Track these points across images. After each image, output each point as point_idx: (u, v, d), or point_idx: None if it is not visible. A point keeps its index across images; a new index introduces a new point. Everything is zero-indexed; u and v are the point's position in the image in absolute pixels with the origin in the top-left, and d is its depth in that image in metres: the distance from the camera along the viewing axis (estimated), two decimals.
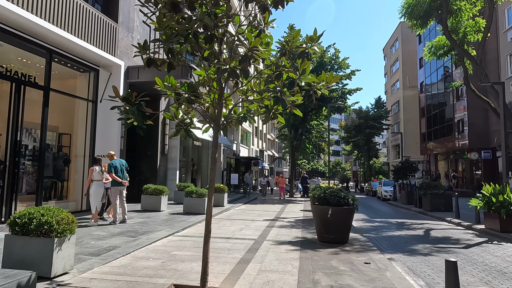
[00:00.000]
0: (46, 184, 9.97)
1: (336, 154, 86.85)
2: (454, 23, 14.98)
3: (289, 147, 29.09)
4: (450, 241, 8.16)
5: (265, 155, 45.92)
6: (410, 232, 9.49)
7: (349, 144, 51.73)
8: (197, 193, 10.86)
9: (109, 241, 6.39)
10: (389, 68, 51.44)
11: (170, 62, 3.70)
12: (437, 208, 14.24)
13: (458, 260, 6.07)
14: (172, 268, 4.87)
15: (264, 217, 11.33)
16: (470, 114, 26.88)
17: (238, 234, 7.86)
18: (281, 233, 8.17)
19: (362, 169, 51.51)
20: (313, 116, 25.29)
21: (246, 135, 32.77)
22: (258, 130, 40.54)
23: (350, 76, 22.80)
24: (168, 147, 14.74)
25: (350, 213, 7.18)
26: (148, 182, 12.72)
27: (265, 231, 8.39)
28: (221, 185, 13.56)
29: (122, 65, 11.12)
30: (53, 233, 4.19)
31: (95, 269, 4.68)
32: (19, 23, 7.76)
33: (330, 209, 6.97)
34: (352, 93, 22.92)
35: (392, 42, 50.22)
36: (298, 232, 8.36)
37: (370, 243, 7.23)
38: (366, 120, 42.93)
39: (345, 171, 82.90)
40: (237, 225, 9.27)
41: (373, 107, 45.97)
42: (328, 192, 7.25)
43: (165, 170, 14.69)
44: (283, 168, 60.10)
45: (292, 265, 5.21)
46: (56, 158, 10.37)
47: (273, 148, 54.96)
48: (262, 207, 15.46)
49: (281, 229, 8.80)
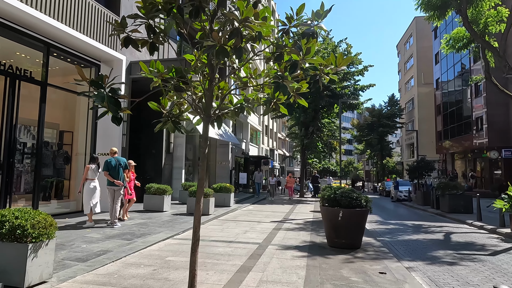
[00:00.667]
0: (45, 183, 9.67)
1: (349, 153, 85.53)
2: (474, 13, 14.07)
3: (300, 146, 28.43)
4: (475, 246, 7.45)
5: (276, 154, 45.31)
6: (428, 236, 8.79)
7: (361, 143, 50.69)
8: None
9: (102, 244, 5.95)
10: (403, 65, 50.13)
11: (152, 42, 3.19)
12: (456, 209, 13.42)
13: (485, 270, 5.43)
14: (162, 277, 4.37)
15: (272, 219, 10.77)
16: (490, 111, 25.69)
17: (242, 238, 7.32)
18: (288, 237, 7.60)
19: (375, 169, 50.35)
20: (324, 114, 24.56)
21: (256, 133, 32.23)
22: (268, 128, 39.97)
23: (363, 72, 21.99)
24: (174, 145, 14.32)
25: (363, 216, 6.56)
26: (153, 181, 12.30)
27: (271, 234, 7.84)
28: (227, 185, 13.06)
29: (123, 59, 10.72)
30: (27, 238, 3.74)
31: (77, 277, 4.22)
32: (14, 15, 7.40)
33: (340, 211, 6.37)
34: (365, 89, 22.10)
35: (406, 38, 48.91)
36: (307, 236, 7.78)
37: (385, 249, 6.60)
38: (379, 118, 41.88)
39: (358, 171, 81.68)
40: (241, 227, 8.74)
41: (386, 105, 44.78)
42: (338, 192, 6.65)
43: (171, 169, 14.28)
44: (294, 167, 59.35)
45: (297, 274, 4.65)
46: (55, 156, 10.05)
47: (284, 147, 54.30)
48: (271, 207, 14.90)
49: (289, 232, 8.23)
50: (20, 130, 8.66)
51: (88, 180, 8.03)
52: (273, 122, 43.87)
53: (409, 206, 18.59)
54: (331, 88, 20.65)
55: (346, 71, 21.89)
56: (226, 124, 20.35)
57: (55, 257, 4.95)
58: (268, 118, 39.84)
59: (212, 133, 16.74)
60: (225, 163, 20.41)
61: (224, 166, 20.39)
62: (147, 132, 13.82)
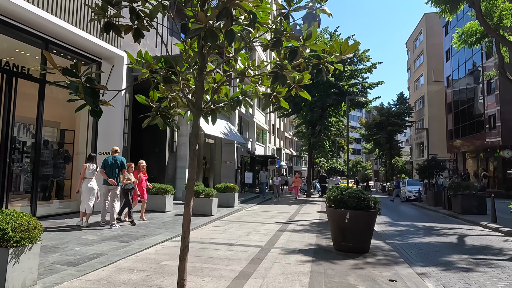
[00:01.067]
0: (45, 183, 9.50)
1: (357, 153, 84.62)
2: (488, 6, 13.52)
3: (307, 145, 28.00)
4: (491, 251, 7.01)
5: (283, 154, 44.90)
6: (441, 238, 8.36)
7: (370, 142, 49.92)
8: (204, 192, 10.08)
9: (97, 247, 5.69)
10: (413, 63, 49.23)
11: (137, 28, 2.89)
12: (469, 210, 12.90)
13: (505, 277, 5.01)
14: (155, 284, 4.08)
15: (277, 220, 10.44)
16: (503, 109, 24.90)
17: (244, 240, 7.01)
18: (292, 239, 7.26)
19: (383, 168, 49.57)
20: (331, 112, 24.10)
21: (262, 132, 31.89)
22: (275, 127, 39.58)
23: (371, 70, 21.48)
24: (177, 144, 14.08)
25: (371, 218, 6.19)
26: (156, 181, 12.07)
27: (275, 237, 7.51)
28: (231, 184, 12.76)
29: (125, 56, 10.48)
30: (8, 242, 3.48)
31: (64, 284, 3.95)
32: (11, 10, 7.20)
33: (348, 213, 6.02)
34: (373, 87, 21.56)
35: (415, 35, 48.02)
36: (312, 238, 7.43)
37: (395, 253, 6.22)
38: (388, 117, 41.13)
39: (366, 170, 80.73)
40: (244, 229, 8.43)
41: (395, 104, 44.00)
42: (346, 193, 6.29)
43: (174, 168, 14.04)
44: (302, 167, 58.83)
45: (300, 282, 4.32)
46: (56, 155, 9.87)
47: (291, 147, 53.84)
48: (276, 208, 14.56)
49: (293, 234, 7.89)
50: (20, 128, 8.50)
51: (85, 179, 7.83)
52: (280, 121, 43.46)
53: (419, 206, 18.06)
54: (338, 86, 20.20)
55: (354, 68, 21.42)
56: (232, 123, 20.07)
57: (45, 261, 4.72)
58: (275, 117, 39.46)
59: (217, 131, 16.46)
60: (231, 162, 20.12)
61: (229, 165, 20.10)
62: (150, 130, 13.62)
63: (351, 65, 21.19)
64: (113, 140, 10.22)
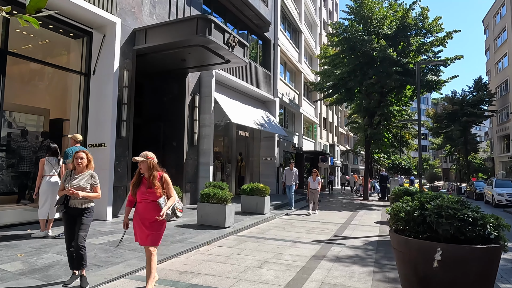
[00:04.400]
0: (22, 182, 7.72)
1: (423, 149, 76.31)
2: None
3: (363, 138, 24.11)
4: None
5: (337, 150, 40.89)
6: None
7: (439, 136, 43.55)
8: (216, 197, 7.44)
9: None
10: (493, 42, 41.80)
11: None
12: None
13: None
14: None
15: (316, 235, 7.45)
16: None
17: (246, 281, 4.23)
18: (330, 281, 4.30)
19: (456, 166, 42.82)
20: (392, 99, 20.08)
21: (312, 126, 28.59)
22: (327, 121, 35.89)
23: (444, 42, 17.13)
24: (198, 136, 11.70)
25: (491, 260, 3.02)
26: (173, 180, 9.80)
27: (303, 273, 4.60)
28: (260, 185, 9.94)
29: (118, 23, 8.31)
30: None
31: None
32: None
33: (439, 250, 2.93)
34: (448, 63, 17.18)
35: (496, 9, 40.65)
36: (366, 278, 4.38)
37: None
38: (462, 107, 35.02)
39: (434, 169, 72.36)
40: (261, 253, 5.62)
41: (471, 91, 37.42)
42: (432, 206, 3.20)
43: (195, 165, 11.69)
44: (359, 165, 53.85)
45: None
46: (38, 149, 8.04)
47: (346, 143, 49.38)
48: (321, 215, 11.45)
49: (334, 268, 4.90)
50: None
51: (45, 177, 5.79)
52: (333, 114, 39.50)
53: None
54: (402, 63, 16.28)
55: (421, 41, 17.28)
56: (272, 114, 17.29)
57: None
58: (327, 110, 35.76)
59: (249, 121, 13.83)
60: (271, 159, 17.35)
61: (269, 162, 17.35)
62: (166, 120, 11.46)
63: (417, 37, 17.07)
64: (104, 129, 8.11)
